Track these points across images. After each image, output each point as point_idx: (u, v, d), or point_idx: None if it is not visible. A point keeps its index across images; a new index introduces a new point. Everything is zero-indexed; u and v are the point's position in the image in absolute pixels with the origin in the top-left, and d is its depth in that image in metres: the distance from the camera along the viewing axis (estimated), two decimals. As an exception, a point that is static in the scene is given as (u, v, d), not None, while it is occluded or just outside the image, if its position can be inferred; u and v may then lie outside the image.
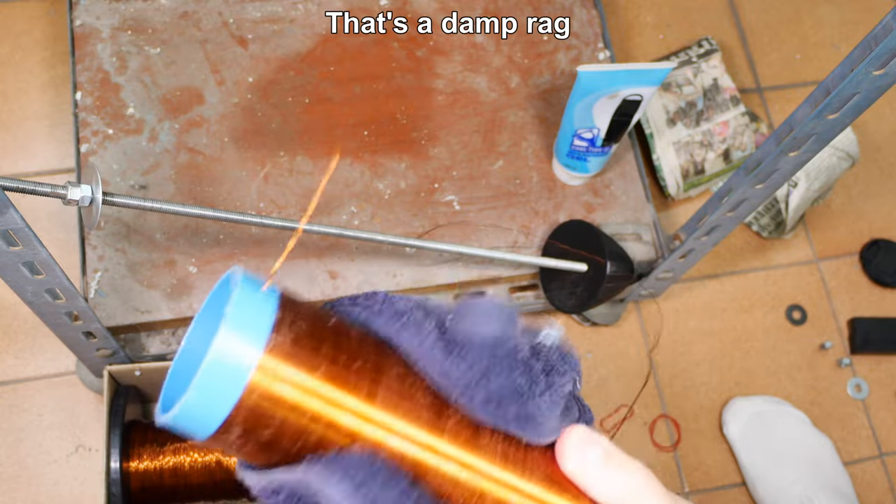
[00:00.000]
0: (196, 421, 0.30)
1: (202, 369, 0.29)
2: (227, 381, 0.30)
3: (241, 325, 0.30)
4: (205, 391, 0.30)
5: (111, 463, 0.85)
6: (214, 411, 0.30)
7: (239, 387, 0.30)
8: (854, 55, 0.64)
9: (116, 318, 0.90)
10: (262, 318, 0.30)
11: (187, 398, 0.29)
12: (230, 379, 0.30)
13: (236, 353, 0.30)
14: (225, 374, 0.30)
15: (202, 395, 0.30)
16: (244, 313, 0.30)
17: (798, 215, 1.17)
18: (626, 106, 0.90)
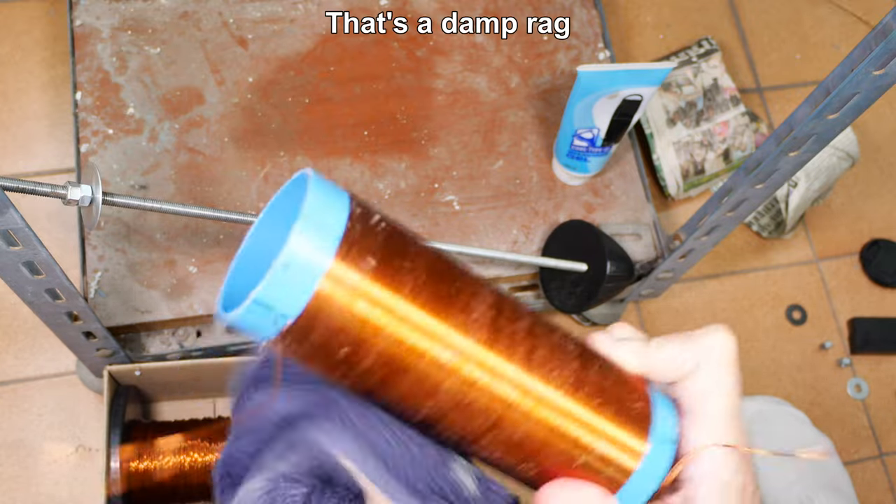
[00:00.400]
0: (262, 320, 0.29)
1: (275, 266, 0.28)
2: (299, 281, 0.28)
3: (318, 226, 0.29)
4: (275, 289, 0.28)
5: (111, 463, 0.85)
6: (283, 311, 0.29)
7: (310, 289, 0.29)
8: (854, 55, 0.64)
9: (116, 318, 0.90)
10: (337, 222, 0.29)
11: (257, 294, 0.28)
12: (302, 280, 0.28)
13: (311, 254, 0.28)
14: (298, 274, 0.28)
15: (272, 293, 0.28)
16: (321, 215, 0.29)
17: (798, 215, 1.17)
18: (626, 106, 0.90)
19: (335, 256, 0.29)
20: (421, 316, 0.31)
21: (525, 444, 0.34)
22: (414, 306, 0.30)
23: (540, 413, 0.33)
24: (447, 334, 0.31)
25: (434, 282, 0.31)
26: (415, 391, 0.31)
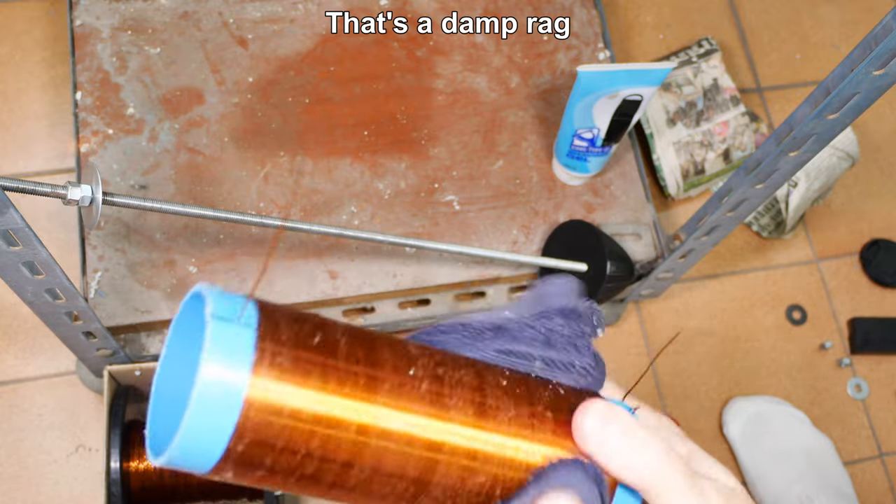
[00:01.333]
0: (193, 458, 0.28)
1: (190, 407, 0.27)
2: (218, 411, 0.27)
3: (223, 350, 0.28)
4: (196, 428, 0.27)
5: (111, 463, 0.85)
6: (211, 446, 0.28)
7: (233, 415, 0.28)
8: (854, 55, 0.64)
9: (116, 318, 0.90)
10: (244, 339, 0.28)
11: (179, 439, 0.27)
12: (221, 409, 0.27)
13: (223, 382, 0.27)
14: (215, 406, 0.27)
15: (195, 433, 0.27)
16: (223, 337, 0.28)
17: (798, 215, 1.17)
18: (626, 106, 0.90)
19: (251, 373, 0.28)
20: (356, 401, 0.30)
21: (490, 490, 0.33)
22: (344, 392, 0.30)
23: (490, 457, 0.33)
24: (390, 405, 0.30)
25: (358, 355, 0.30)
26: (381, 472, 0.31)
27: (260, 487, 0.30)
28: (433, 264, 0.97)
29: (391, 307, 0.99)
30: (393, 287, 0.96)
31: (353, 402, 0.30)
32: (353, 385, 0.30)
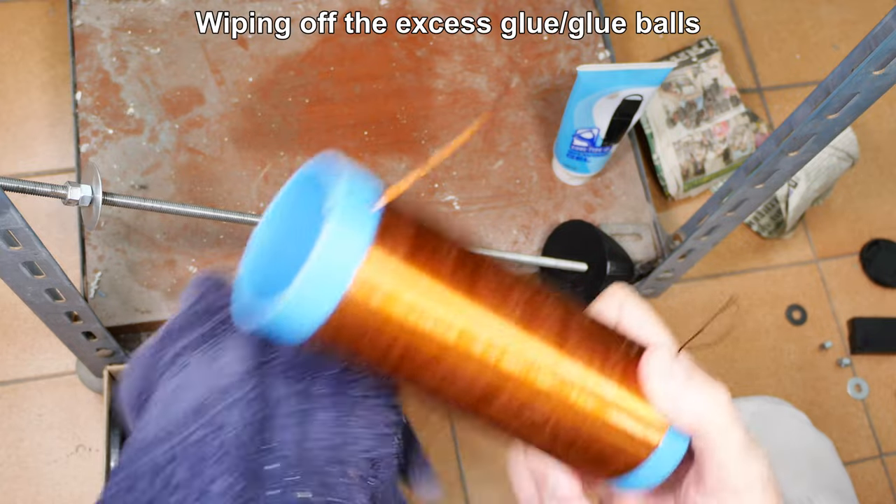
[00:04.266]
0: (294, 323, 0.28)
1: (304, 270, 0.27)
2: (330, 280, 0.28)
3: (348, 225, 0.28)
4: (306, 292, 0.27)
5: (111, 463, 0.85)
6: (313, 313, 0.28)
7: (342, 286, 0.28)
8: (854, 55, 0.64)
9: (116, 318, 0.90)
10: (368, 221, 0.29)
11: (288, 298, 0.27)
12: (333, 278, 0.28)
13: (341, 253, 0.28)
14: (328, 274, 0.28)
15: (303, 295, 0.27)
16: (351, 214, 0.28)
17: (798, 215, 1.17)
18: (626, 106, 0.90)
19: (370, 246, 0.29)
20: (458, 300, 0.31)
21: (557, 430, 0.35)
22: (450, 291, 0.31)
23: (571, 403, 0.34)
24: (483, 318, 0.31)
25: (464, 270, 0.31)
26: (452, 376, 0.32)
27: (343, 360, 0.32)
28: (433, 264, 0.97)
29: (391, 307, 0.99)
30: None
31: (449, 307, 0.30)
32: (452, 292, 0.31)
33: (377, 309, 0.29)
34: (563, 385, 0.34)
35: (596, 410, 0.35)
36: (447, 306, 0.31)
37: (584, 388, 0.34)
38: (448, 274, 0.31)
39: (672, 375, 0.35)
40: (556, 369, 0.33)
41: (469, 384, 0.32)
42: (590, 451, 0.35)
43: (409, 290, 0.30)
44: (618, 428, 0.35)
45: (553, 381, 0.33)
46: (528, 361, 0.33)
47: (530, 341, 0.33)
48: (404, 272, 0.29)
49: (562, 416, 0.34)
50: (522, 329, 0.32)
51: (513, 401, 0.33)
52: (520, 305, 0.32)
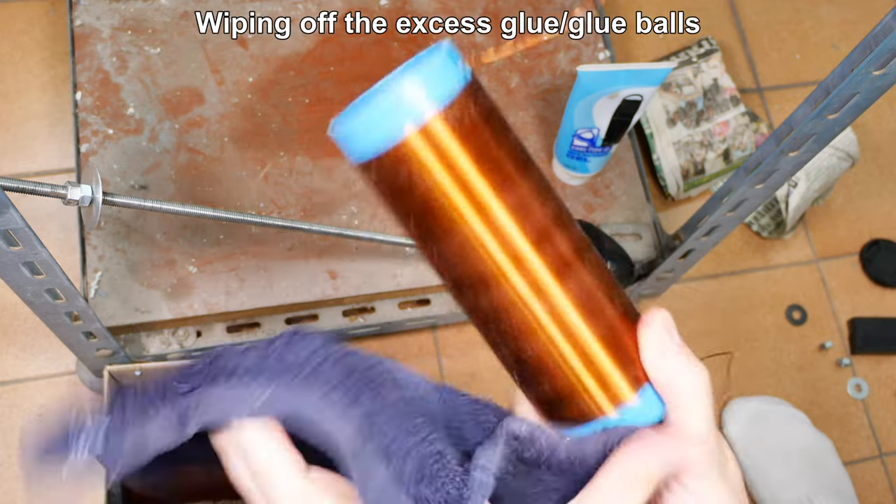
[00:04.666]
0: (356, 143, 0.34)
1: (379, 97, 0.32)
2: (394, 119, 0.32)
3: (431, 81, 0.32)
4: (373, 121, 0.33)
5: (111, 463, 0.84)
6: (372, 142, 0.33)
7: (399, 130, 0.32)
8: (854, 55, 0.64)
9: (116, 318, 0.90)
10: (452, 86, 0.33)
11: (358, 119, 0.33)
12: (397, 119, 0.32)
13: (414, 100, 0.32)
14: (399, 109, 0.32)
15: (368, 123, 0.33)
16: (439, 72, 0.33)
17: (798, 215, 1.17)
18: (626, 106, 0.90)
19: (441, 109, 0.33)
20: (483, 187, 0.34)
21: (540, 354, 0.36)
22: (481, 175, 0.34)
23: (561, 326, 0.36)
24: (500, 218, 0.34)
25: (512, 168, 0.34)
26: (458, 254, 0.35)
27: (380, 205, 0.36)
28: (433, 264, 0.97)
29: (391, 307, 0.99)
30: (393, 287, 0.96)
31: (479, 188, 0.34)
32: (488, 178, 0.34)
33: (425, 162, 0.33)
34: (553, 310, 0.35)
35: (577, 342, 0.36)
36: (475, 187, 0.34)
37: (570, 321, 0.36)
38: (493, 161, 0.34)
39: (672, 333, 0.37)
40: (550, 293, 0.35)
41: (473, 265, 0.35)
42: (557, 385, 0.37)
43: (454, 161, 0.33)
44: (591, 368, 0.36)
45: (544, 302, 0.35)
46: (525, 274, 0.35)
47: (533, 259, 0.35)
48: (461, 140, 0.33)
49: (546, 339, 0.36)
50: (531, 245, 0.35)
51: (507, 297, 0.35)
52: (537, 226, 0.35)
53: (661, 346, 0.36)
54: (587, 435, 0.36)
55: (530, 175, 0.35)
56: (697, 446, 0.35)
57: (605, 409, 0.37)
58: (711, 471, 0.36)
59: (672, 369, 0.36)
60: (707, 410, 0.36)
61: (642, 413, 0.37)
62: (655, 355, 0.36)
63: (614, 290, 0.37)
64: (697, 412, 0.36)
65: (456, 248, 0.35)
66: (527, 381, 0.38)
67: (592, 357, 0.36)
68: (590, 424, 0.37)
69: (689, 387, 0.36)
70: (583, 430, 0.37)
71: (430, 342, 1.08)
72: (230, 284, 0.92)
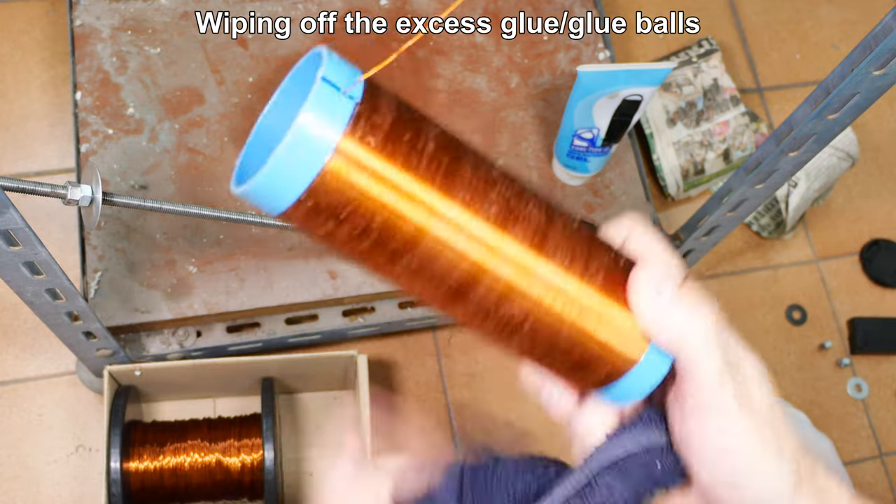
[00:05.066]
0: (273, 192, 0.30)
1: (285, 140, 0.29)
2: (308, 154, 0.30)
3: (323, 108, 0.30)
4: (285, 163, 0.30)
5: (111, 463, 0.85)
6: (290, 187, 0.30)
7: (319, 162, 0.30)
8: (854, 55, 0.64)
9: (116, 318, 0.90)
10: (344, 106, 0.31)
11: (267, 168, 0.30)
12: (311, 153, 0.30)
13: (320, 129, 0.30)
14: (307, 148, 0.30)
15: (282, 167, 0.30)
16: (327, 99, 0.30)
17: (798, 215, 1.17)
18: (626, 106, 0.90)
19: (344, 133, 0.30)
20: (426, 192, 0.32)
21: (540, 331, 0.35)
22: (418, 182, 0.32)
23: (556, 296, 0.35)
24: (453, 212, 0.32)
25: (443, 159, 0.32)
26: (425, 266, 0.33)
27: (319, 244, 0.34)
28: (433, 264, 0.97)
29: (391, 307, 0.99)
30: (393, 287, 0.96)
31: (423, 195, 0.32)
32: (427, 182, 0.32)
33: (347, 192, 0.31)
34: (539, 286, 0.34)
35: (573, 314, 0.35)
36: (418, 196, 0.32)
37: (560, 290, 0.35)
38: (423, 164, 0.32)
39: (659, 291, 0.36)
40: (531, 269, 0.34)
41: (443, 276, 0.33)
42: (570, 357, 0.36)
43: (379, 179, 0.31)
44: (596, 335, 0.36)
45: (528, 280, 0.34)
46: (502, 258, 0.33)
47: (504, 239, 0.33)
48: (377, 159, 0.31)
49: (539, 318, 0.35)
50: (496, 226, 0.33)
51: (488, 296, 0.34)
52: (497, 203, 0.33)
53: (651, 309, 0.36)
54: (611, 400, 0.38)
55: (466, 158, 0.33)
56: (712, 388, 0.36)
57: (619, 371, 0.37)
58: (731, 406, 0.36)
59: (669, 327, 0.36)
60: (712, 356, 0.36)
61: (652, 366, 0.37)
62: (648, 319, 0.36)
63: (598, 246, 0.36)
64: (703, 360, 0.36)
65: (423, 260, 0.32)
66: (541, 360, 0.37)
67: (590, 324, 0.36)
68: (609, 390, 0.38)
69: (691, 339, 0.36)
70: (606, 394, 0.38)
71: (430, 342, 1.08)
72: (230, 284, 0.92)
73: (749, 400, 0.36)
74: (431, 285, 0.33)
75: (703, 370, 0.36)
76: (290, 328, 0.97)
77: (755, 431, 0.36)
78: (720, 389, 0.36)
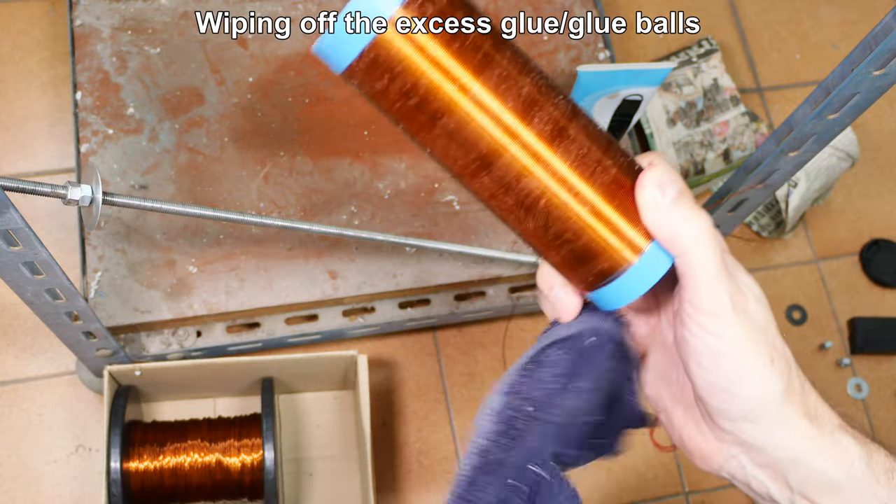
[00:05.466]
0: (336, 52, 0.36)
1: (347, 8, 0.35)
2: (362, 23, 0.35)
3: None
4: (344, 28, 0.35)
5: (111, 463, 0.85)
6: (353, 44, 0.35)
7: (372, 31, 0.35)
8: (854, 55, 0.64)
9: (116, 318, 0.90)
10: None
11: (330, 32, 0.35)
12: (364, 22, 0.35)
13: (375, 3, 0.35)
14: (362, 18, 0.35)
15: (342, 33, 0.35)
16: None
17: (798, 215, 1.17)
18: (626, 106, 0.90)
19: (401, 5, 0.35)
20: (460, 70, 0.36)
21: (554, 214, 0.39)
22: (455, 60, 0.36)
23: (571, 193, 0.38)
24: (480, 92, 0.37)
25: (483, 44, 0.37)
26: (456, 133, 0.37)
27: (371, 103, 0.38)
28: (433, 264, 0.97)
29: (391, 307, 0.99)
30: (393, 287, 0.96)
31: (457, 72, 0.36)
32: (463, 62, 0.36)
33: (398, 55, 0.35)
34: (551, 171, 0.38)
35: (580, 202, 0.38)
36: (452, 72, 0.36)
37: (568, 178, 0.38)
38: (463, 45, 0.36)
39: (664, 191, 0.38)
40: (544, 156, 0.38)
41: (470, 146, 0.37)
42: (576, 246, 0.39)
43: (423, 50, 0.36)
44: (600, 227, 0.38)
45: (542, 165, 0.38)
46: (520, 142, 0.37)
47: (522, 124, 0.37)
48: (422, 34, 0.36)
49: (551, 199, 0.38)
50: (518, 111, 0.37)
51: (508, 172, 0.38)
52: (524, 92, 0.37)
53: (655, 205, 0.38)
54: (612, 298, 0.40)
55: (505, 47, 0.37)
56: (709, 289, 0.37)
57: (621, 263, 0.39)
58: (725, 309, 0.37)
59: (670, 225, 0.38)
60: (709, 255, 0.37)
61: (653, 263, 0.39)
62: (652, 215, 0.38)
63: (614, 148, 0.39)
64: (701, 259, 0.37)
65: (455, 127, 0.37)
66: (550, 245, 0.40)
67: (600, 213, 0.38)
68: (611, 283, 0.40)
69: (691, 237, 0.37)
70: (608, 288, 0.40)
71: (430, 342, 1.08)
72: (230, 284, 0.92)
73: (744, 307, 0.38)
74: (462, 151, 0.37)
75: (701, 269, 0.37)
76: (290, 328, 0.97)
77: (748, 338, 0.38)
78: (717, 289, 0.37)
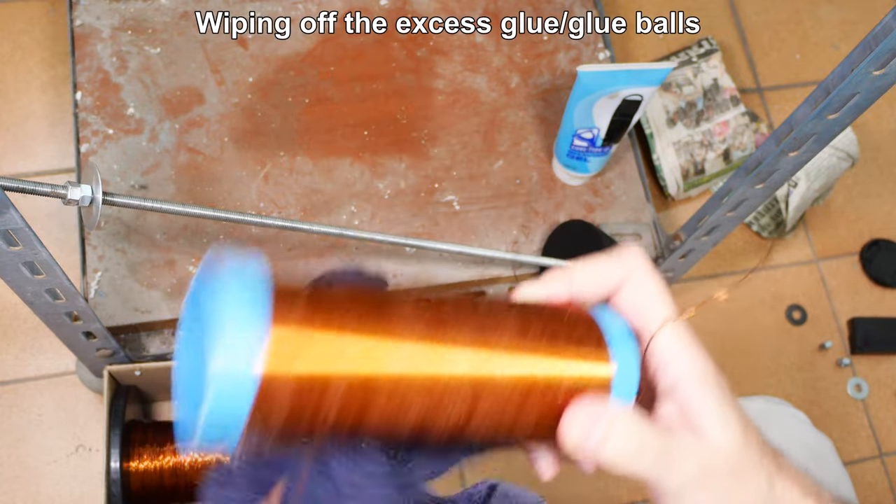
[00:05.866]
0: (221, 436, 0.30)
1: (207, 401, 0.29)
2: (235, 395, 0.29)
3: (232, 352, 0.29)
4: (216, 414, 0.29)
5: (111, 463, 0.85)
6: (229, 429, 0.30)
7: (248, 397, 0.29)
8: (854, 55, 0.64)
9: (116, 318, 0.90)
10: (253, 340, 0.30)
11: (201, 427, 0.29)
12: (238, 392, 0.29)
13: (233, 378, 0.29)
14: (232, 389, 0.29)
15: (215, 420, 0.29)
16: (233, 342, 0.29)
17: (798, 215, 1.17)
18: (626, 106, 0.90)
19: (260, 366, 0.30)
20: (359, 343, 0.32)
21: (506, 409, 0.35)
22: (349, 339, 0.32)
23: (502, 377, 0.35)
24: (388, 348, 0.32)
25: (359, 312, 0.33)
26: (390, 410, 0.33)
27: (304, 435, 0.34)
28: (433, 264, 0.97)
29: (391, 307, 0.99)
30: (393, 287, 0.96)
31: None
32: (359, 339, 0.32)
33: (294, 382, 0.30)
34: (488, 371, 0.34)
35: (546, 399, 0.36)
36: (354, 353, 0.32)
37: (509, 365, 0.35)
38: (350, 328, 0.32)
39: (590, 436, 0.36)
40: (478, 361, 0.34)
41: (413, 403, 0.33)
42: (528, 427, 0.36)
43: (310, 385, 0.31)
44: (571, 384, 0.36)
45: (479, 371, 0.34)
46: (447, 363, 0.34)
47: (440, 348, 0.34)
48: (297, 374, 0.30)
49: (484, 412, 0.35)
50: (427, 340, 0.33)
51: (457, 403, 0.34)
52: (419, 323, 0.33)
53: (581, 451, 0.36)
54: None
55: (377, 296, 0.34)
56: None
57: (607, 381, 0.37)
58: None
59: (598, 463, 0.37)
60: None
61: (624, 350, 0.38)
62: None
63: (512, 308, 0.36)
64: None
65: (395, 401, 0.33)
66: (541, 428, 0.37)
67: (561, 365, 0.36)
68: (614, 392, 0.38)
69: None
70: None
71: (430, 342, 1.08)
72: (230, 284, 0.92)
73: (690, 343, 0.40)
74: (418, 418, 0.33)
75: None
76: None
77: None
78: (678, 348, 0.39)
